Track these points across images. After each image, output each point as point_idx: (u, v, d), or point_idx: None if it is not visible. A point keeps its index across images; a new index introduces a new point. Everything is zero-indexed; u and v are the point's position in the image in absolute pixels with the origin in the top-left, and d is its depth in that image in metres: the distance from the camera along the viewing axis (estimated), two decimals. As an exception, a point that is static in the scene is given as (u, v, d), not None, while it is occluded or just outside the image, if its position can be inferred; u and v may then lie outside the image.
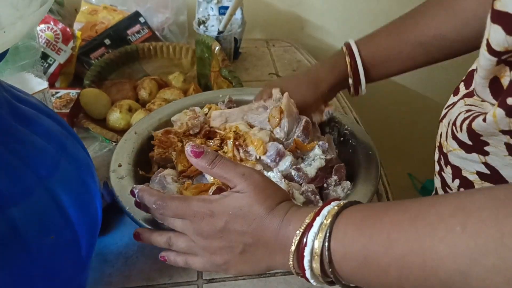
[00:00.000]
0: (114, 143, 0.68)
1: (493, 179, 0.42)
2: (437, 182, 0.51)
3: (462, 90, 0.49)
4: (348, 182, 0.54)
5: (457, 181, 0.46)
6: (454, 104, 0.48)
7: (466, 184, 0.45)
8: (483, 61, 0.36)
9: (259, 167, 0.53)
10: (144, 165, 0.57)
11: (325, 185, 0.54)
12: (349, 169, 0.57)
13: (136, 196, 0.45)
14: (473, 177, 0.44)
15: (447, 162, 0.47)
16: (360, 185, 0.52)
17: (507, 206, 0.30)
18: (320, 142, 0.55)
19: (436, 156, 0.50)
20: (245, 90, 0.71)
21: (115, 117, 0.73)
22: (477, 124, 0.39)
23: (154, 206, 0.43)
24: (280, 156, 0.53)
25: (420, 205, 0.34)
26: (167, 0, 0.97)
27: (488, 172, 0.43)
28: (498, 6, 0.32)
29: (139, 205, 0.45)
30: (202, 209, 0.41)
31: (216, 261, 0.42)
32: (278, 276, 0.51)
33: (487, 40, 0.34)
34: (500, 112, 0.35)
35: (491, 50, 0.34)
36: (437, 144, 0.50)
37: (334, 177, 0.54)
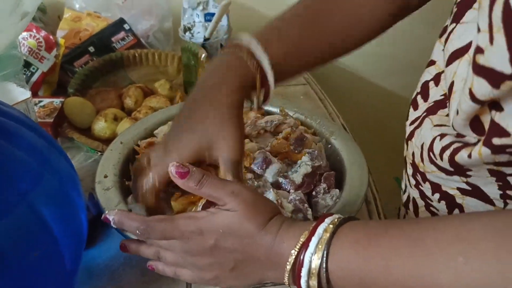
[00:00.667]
0: (99, 153, 0.67)
1: (475, 194, 0.43)
2: (415, 193, 0.51)
3: (421, 103, 0.49)
4: (337, 190, 0.54)
5: (437, 195, 0.47)
6: (418, 120, 0.47)
7: (447, 197, 0.46)
8: (465, 107, 0.36)
9: (249, 175, 0.52)
10: (131, 175, 0.56)
11: (314, 193, 0.54)
12: (337, 176, 0.56)
13: (113, 223, 0.43)
14: (454, 192, 0.45)
15: (425, 179, 0.47)
16: (349, 193, 0.52)
17: (506, 238, 0.30)
18: (310, 150, 0.55)
19: (410, 171, 0.50)
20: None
21: (100, 126, 0.72)
22: (461, 158, 0.39)
23: (137, 232, 0.42)
24: (267, 163, 0.53)
25: (419, 229, 0.34)
26: (152, 7, 0.96)
27: (469, 188, 0.43)
28: (482, 61, 0.32)
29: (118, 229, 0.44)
30: (190, 227, 0.40)
31: (205, 277, 0.41)
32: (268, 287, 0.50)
33: (470, 90, 0.34)
34: (486, 150, 0.36)
35: (474, 99, 0.34)
36: (409, 161, 0.49)
37: (323, 185, 0.54)
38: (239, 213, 0.39)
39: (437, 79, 0.48)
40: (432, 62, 0.50)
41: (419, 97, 0.49)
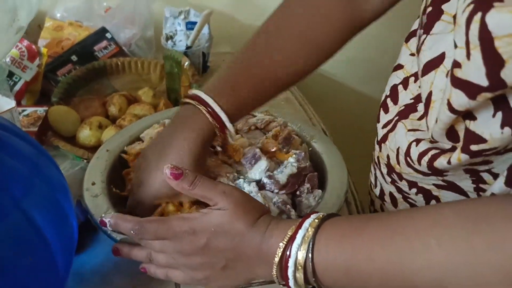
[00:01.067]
0: (85, 161, 0.68)
1: (450, 189, 0.46)
2: (391, 188, 0.53)
3: (392, 106, 0.51)
4: (320, 191, 0.56)
5: (414, 189, 0.49)
6: (390, 124, 0.50)
7: (424, 191, 0.48)
8: (443, 117, 0.39)
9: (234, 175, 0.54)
10: (118, 182, 0.57)
11: (298, 192, 0.56)
12: (318, 177, 0.59)
13: (109, 225, 0.45)
14: (430, 187, 0.47)
15: (402, 178, 0.50)
16: (330, 194, 0.55)
17: (476, 224, 0.33)
18: (297, 152, 0.57)
19: (385, 171, 0.52)
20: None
21: (85, 134, 0.72)
22: (440, 164, 0.42)
23: (132, 232, 0.43)
24: (256, 159, 0.55)
25: (398, 221, 0.37)
26: (134, 16, 0.97)
27: (445, 184, 0.46)
28: (459, 74, 0.35)
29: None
30: (182, 228, 0.42)
31: (197, 276, 0.43)
32: (255, 287, 0.52)
33: (448, 101, 0.37)
34: (465, 156, 0.39)
35: (452, 110, 0.37)
36: (383, 162, 0.52)
37: (307, 185, 0.56)
38: (229, 212, 0.41)
39: (405, 83, 0.51)
40: (400, 66, 0.52)
41: (388, 100, 0.52)
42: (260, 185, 0.54)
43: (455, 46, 0.35)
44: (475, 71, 0.33)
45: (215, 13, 0.97)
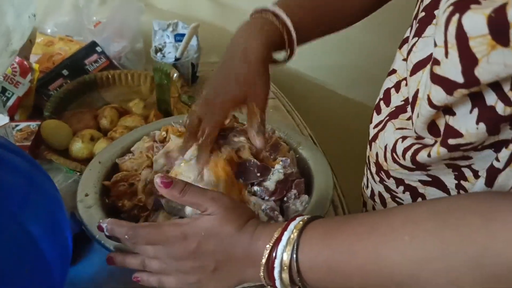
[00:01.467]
0: (78, 173, 0.69)
1: (434, 184, 0.48)
2: (380, 188, 0.55)
3: (384, 108, 0.54)
4: (306, 196, 0.58)
5: (401, 187, 0.51)
6: (381, 124, 0.53)
7: (411, 189, 0.50)
8: (424, 112, 0.41)
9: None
10: (110, 193, 0.58)
11: (285, 198, 0.58)
12: (306, 183, 0.61)
13: (105, 230, 0.46)
14: (416, 184, 0.50)
15: (389, 176, 0.52)
16: (317, 199, 0.56)
17: (448, 219, 0.35)
18: (283, 159, 0.59)
19: (374, 170, 0.55)
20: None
21: (78, 147, 0.74)
22: (422, 158, 0.44)
23: (126, 236, 0.45)
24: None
25: (375, 218, 0.40)
26: (123, 29, 0.99)
27: (429, 179, 0.48)
28: (438, 71, 0.37)
29: (110, 237, 0.47)
30: (174, 232, 0.43)
31: (189, 280, 0.44)
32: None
33: (428, 96, 0.39)
34: (443, 149, 0.41)
35: (432, 105, 0.39)
36: (373, 160, 0.55)
37: (294, 191, 0.58)
38: (219, 216, 0.43)
39: (397, 86, 0.53)
40: (394, 71, 0.55)
41: (381, 103, 0.55)
42: (252, 193, 0.56)
43: (435, 45, 0.37)
44: (452, 68, 0.35)
45: (204, 24, 0.99)
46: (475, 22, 0.32)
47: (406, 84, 0.50)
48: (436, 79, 0.38)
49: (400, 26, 0.61)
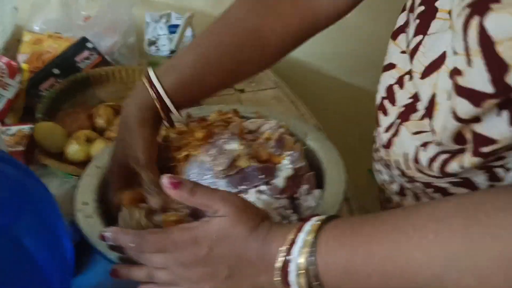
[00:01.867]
0: (76, 177, 0.66)
1: (465, 184, 0.45)
2: (409, 185, 0.52)
3: (390, 107, 0.50)
4: (318, 190, 0.55)
5: (431, 189, 0.48)
6: (392, 127, 0.48)
7: (440, 189, 0.47)
8: (449, 126, 0.38)
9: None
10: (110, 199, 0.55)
11: (297, 195, 0.55)
12: (316, 175, 0.57)
13: (109, 239, 0.44)
14: (446, 185, 0.46)
15: (415, 181, 0.49)
16: (329, 193, 0.53)
17: (474, 214, 0.33)
18: (290, 153, 0.56)
19: (397, 172, 0.50)
20: (204, 107, 0.71)
21: (74, 149, 0.71)
22: (452, 169, 0.41)
23: (131, 245, 0.42)
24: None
25: (396, 217, 0.37)
26: (114, 24, 0.95)
27: (460, 180, 0.45)
28: (461, 82, 0.34)
29: (114, 248, 0.44)
30: (184, 237, 0.41)
31: None
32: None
33: (453, 110, 0.36)
34: (477, 159, 0.38)
35: (458, 119, 0.36)
36: (395, 165, 0.50)
37: (305, 186, 0.55)
38: (231, 218, 0.40)
39: (400, 81, 0.49)
40: (392, 65, 0.50)
41: (386, 102, 0.51)
42: (259, 193, 0.53)
43: (454, 53, 0.34)
44: (478, 78, 0.32)
45: (198, 14, 0.96)
46: (501, 23, 0.29)
47: (411, 79, 0.46)
48: (460, 91, 0.34)
49: (396, 10, 0.57)
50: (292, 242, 0.38)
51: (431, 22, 0.42)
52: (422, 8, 0.43)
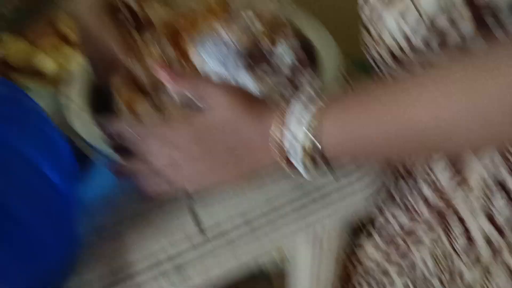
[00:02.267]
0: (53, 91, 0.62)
1: None
2: None
3: None
4: (319, 82, 0.53)
5: None
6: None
7: None
8: None
9: None
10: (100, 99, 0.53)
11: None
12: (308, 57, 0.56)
13: (114, 132, 0.44)
14: None
15: None
16: (327, 78, 0.52)
17: (470, 61, 0.33)
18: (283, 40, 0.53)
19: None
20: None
21: (44, 60, 0.66)
22: None
23: (135, 137, 0.43)
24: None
25: (404, 79, 0.36)
26: None
27: None
28: None
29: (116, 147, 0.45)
30: (185, 128, 0.42)
31: (200, 168, 0.42)
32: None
33: None
34: None
35: None
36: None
37: (307, 77, 0.53)
38: (233, 105, 0.40)
39: None
40: None
41: None
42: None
43: None
44: None
45: None
46: None
47: None
48: None
49: None
50: (289, 112, 0.38)
51: None
52: None
